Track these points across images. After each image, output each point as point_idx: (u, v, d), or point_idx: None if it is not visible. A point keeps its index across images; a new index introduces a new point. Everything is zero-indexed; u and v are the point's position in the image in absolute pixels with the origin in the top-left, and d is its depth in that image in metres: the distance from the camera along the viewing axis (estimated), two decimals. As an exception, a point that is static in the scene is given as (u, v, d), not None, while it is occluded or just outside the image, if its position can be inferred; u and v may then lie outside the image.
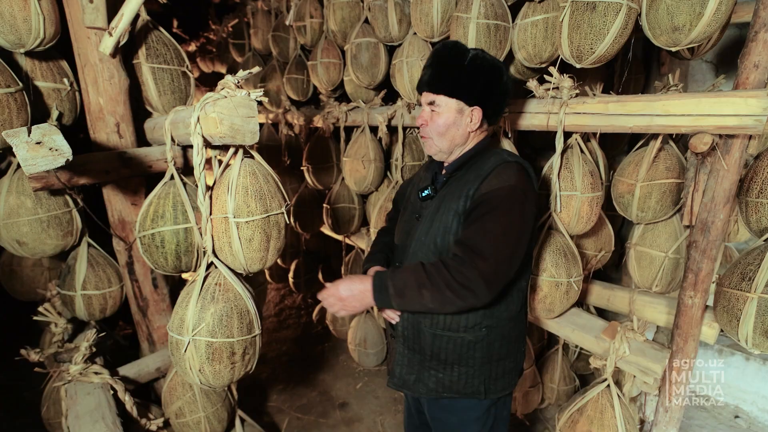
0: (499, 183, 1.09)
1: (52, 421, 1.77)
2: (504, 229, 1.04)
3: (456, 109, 1.17)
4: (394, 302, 1.10)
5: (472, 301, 1.04)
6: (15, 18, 1.28)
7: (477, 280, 1.00)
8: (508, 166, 1.12)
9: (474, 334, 1.19)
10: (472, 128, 1.20)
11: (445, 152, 1.23)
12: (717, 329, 1.58)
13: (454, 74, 1.15)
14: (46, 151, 0.95)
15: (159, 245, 1.38)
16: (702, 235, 1.45)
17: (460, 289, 1.01)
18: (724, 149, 1.34)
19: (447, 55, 1.18)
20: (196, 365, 1.21)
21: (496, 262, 1.02)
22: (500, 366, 1.25)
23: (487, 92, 1.18)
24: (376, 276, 1.13)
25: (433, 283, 1.04)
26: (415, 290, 1.06)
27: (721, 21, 1.19)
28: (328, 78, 2.46)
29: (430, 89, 1.18)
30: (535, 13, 1.52)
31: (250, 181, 1.24)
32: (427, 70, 1.20)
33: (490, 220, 1.05)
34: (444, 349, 1.21)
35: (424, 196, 1.26)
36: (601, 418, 1.53)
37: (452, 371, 1.23)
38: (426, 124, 1.21)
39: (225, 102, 1.13)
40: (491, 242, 1.02)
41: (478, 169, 1.16)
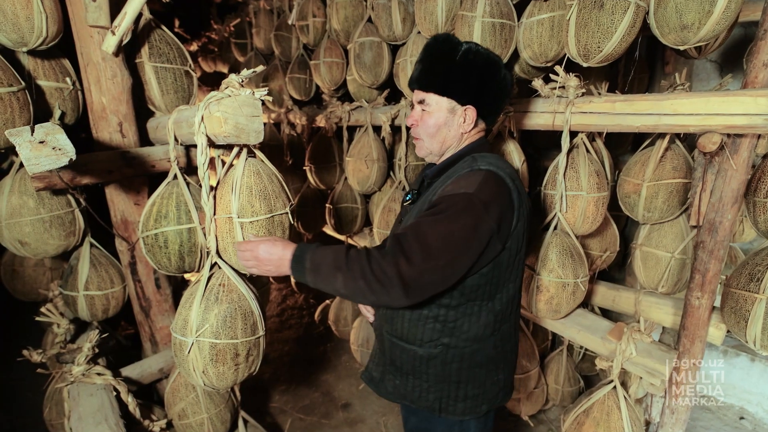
0: (454, 189, 0.99)
1: (55, 422, 1.76)
2: (443, 235, 0.93)
3: (447, 109, 1.10)
4: (308, 277, 1.03)
5: (385, 299, 0.95)
6: (17, 16, 1.27)
7: (394, 279, 0.91)
8: (475, 174, 1.01)
9: (427, 350, 1.11)
10: (465, 129, 1.12)
11: (436, 154, 1.16)
12: (724, 330, 1.57)
13: (445, 70, 1.07)
14: (50, 151, 0.94)
15: (162, 245, 1.37)
16: (709, 236, 1.44)
17: (373, 282, 0.93)
18: (732, 149, 1.33)
19: (437, 49, 1.10)
20: (199, 367, 1.20)
21: (422, 267, 0.92)
22: (460, 389, 1.14)
23: (482, 90, 1.09)
24: (299, 246, 1.07)
25: (350, 269, 0.96)
26: (331, 270, 0.99)
27: (730, 19, 1.18)
28: (331, 77, 2.45)
29: (420, 87, 1.11)
30: (540, 12, 1.51)
31: (255, 181, 1.23)
32: (417, 66, 1.12)
33: (431, 223, 0.96)
34: (398, 357, 1.16)
35: (406, 200, 1.23)
36: (608, 420, 1.52)
37: (407, 380, 1.17)
38: (416, 125, 1.14)
39: (229, 101, 1.12)
40: (422, 246, 0.93)
41: (451, 173, 1.08)
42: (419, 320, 1.11)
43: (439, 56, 1.09)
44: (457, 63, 1.06)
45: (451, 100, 1.09)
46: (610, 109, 1.42)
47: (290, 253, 1.06)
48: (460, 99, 1.09)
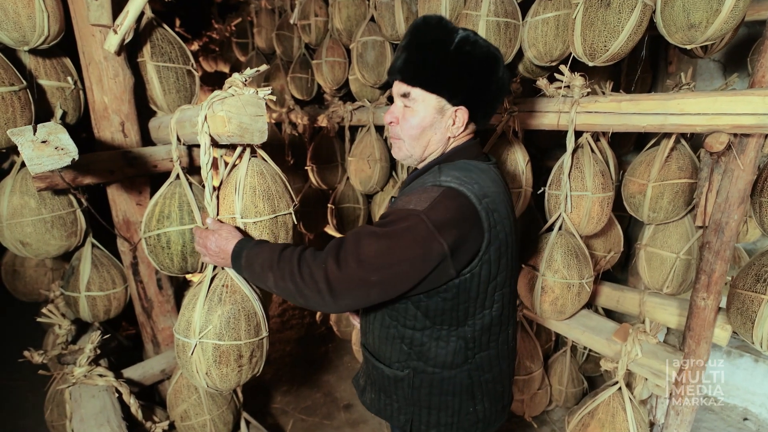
0: (407, 203, 0.88)
1: (56, 423, 1.75)
2: (380, 252, 0.84)
3: (435, 108, 0.93)
4: (244, 273, 1.02)
5: (314, 302, 0.89)
6: (19, 15, 1.26)
7: (321, 284, 0.85)
8: (431, 190, 0.87)
9: (394, 371, 1.05)
10: (453, 133, 0.97)
11: (417, 159, 1.01)
12: (729, 331, 1.56)
13: (436, 62, 0.90)
14: (52, 150, 0.93)
15: (165, 246, 1.36)
16: (716, 236, 1.43)
17: (302, 285, 0.88)
18: (739, 149, 1.32)
19: (429, 34, 0.91)
20: (203, 368, 1.19)
21: (350, 277, 0.84)
22: (432, 415, 1.06)
23: (478, 89, 0.93)
24: (240, 241, 1.05)
25: (280, 268, 0.91)
26: (263, 268, 0.95)
27: (738, 18, 1.17)
28: (333, 77, 2.44)
29: (404, 78, 0.93)
30: (546, 11, 1.50)
31: (258, 181, 1.22)
32: (402, 53, 0.93)
33: (373, 235, 0.85)
34: (371, 372, 1.13)
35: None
36: (613, 422, 1.51)
37: (380, 396, 1.13)
38: (396, 123, 0.98)
39: (233, 100, 1.11)
40: (357, 256, 0.84)
41: (415, 185, 0.95)
42: (387, 338, 1.05)
43: (429, 43, 0.91)
44: (450, 54, 0.90)
45: (440, 99, 0.93)
46: (616, 109, 1.41)
47: (231, 247, 1.04)
48: (451, 98, 0.93)
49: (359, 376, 1.27)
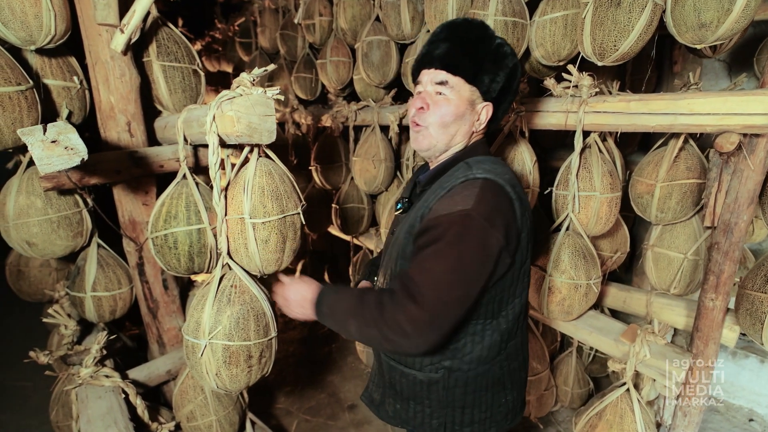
0: (450, 207, 0.87)
1: (61, 424, 1.75)
2: (450, 268, 0.84)
3: (468, 100, 0.98)
4: (327, 322, 0.98)
5: (404, 345, 0.85)
6: (26, 14, 1.25)
7: (407, 328, 0.82)
8: (471, 184, 0.89)
9: (427, 374, 1.01)
10: (477, 128, 1.02)
11: (440, 149, 1.02)
12: (737, 332, 1.56)
13: (479, 57, 0.96)
14: (62, 150, 0.92)
15: (172, 246, 1.36)
16: (724, 237, 1.42)
17: (386, 330, 0.84)
18: (749, 149, 1.31)
19: (472, 32, 0.97)
20: (212, 369, 1.18)
21: (434, 308, 0.82)
22: (466, 414, 1.05)
23: (505, 89, 1.00)
24: (322, 289, 1.01)
25: (362, 315, 0.88)
26: (344, 317, 0.93)
27: (749, 17, 1.16)
28: (337, 77, 2.44)
29: (445, 66, 0.96)
30: (554, 10, 1.49)
31: (267, 181, 1.22)
32: (442, 44, 0.97)
33: (433, 255, 0.85)
34: (398, 381, 1.07)
35: (398, 209, 1.13)
36: (621, 423, 1.50)
37: (408, 405, 1.07)
38: (426, 109, 0.98)
39: (242, 100, 1.11)
40: (431, 285, 0.83)
41: (445, 182, 0.96)
42: None
43: (473, 40, 0.97)
44: (491, 52, 0.96)
45: (475, 91, 0.98)
46: (625, 109, 1.40)
47: (313, 296, 1.01)
48: (484, 93, 0.99)
49: (371, 391, 1.21)
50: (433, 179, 1.02)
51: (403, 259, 0.97)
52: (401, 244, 0.98)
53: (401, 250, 0.98)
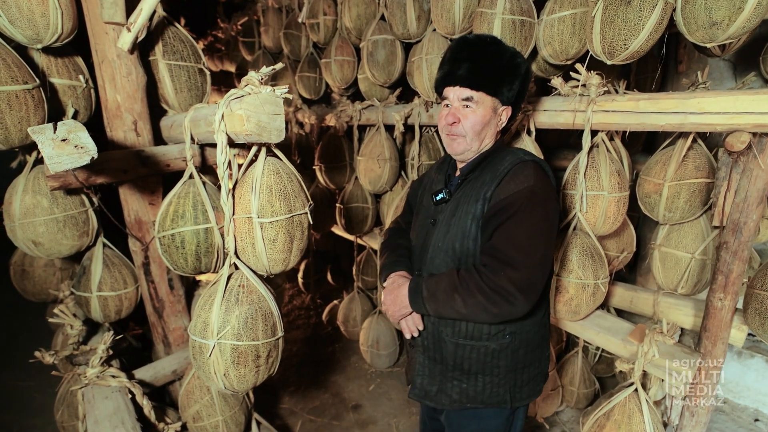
0: (516, 186, 1.05)
1: (66, 424, 1.74)
2: (529, 233, 1.01)
3: (492, 108, 1.13)
4: (428, 306, 1.09)
5: (507, 308, 1.00)
6: (33, 13, 1.25)
7: (509, 288, 0.98)
8: (525, 166, 1.09)
9: (498, 341, 1.15)
10: (500, 127, 1.19)
11: (474, 151, 1.18)
12: (745, 332, 1.55)
13: (496, 71, 1.10)
14: (72, 149, 0.92)
15: (179, 246, 1.35)
16: (733, 236, 1.42)
17: (491, 294, 0.99)
18: (758, 148, 1.31)
19: (487, 49, 1.11)
20: (221, 369, 1.18)
21: (528, 269, 0.99)
22: (525, 373, 1.21)
23: (520, 92, 1.16)
24: (413, 279, 1.14)
25: (465, 287, 1.02)
26: (448, 293, 1.04)
27: (761, 15, 1.15)
28: (342, 76, 2.43)
29: (468, 84, 1.11)
30: (562, 9, 1.49)
31: (275, 180, 1.21)
32: (463, 64, 1.11)
33: (514, 226, 1.01)
34: (467, 358, 1.17)
35: (438, 200, 1.22)
36: (629, 423, 1.49)
37: (476, 381, 1.18)
38: (458, 122, 1.14)
39: (251, 99, 1.10)
40: (518, 250, 1.00)
41: (493, 169, 1.12)
42: None
43: (490, 56, 1.10)
44: (506, 64, 1.10)
45: (495, 100, 1.13)
46: (634, 108, 1.40)
47: (406, 289, 1.15)
48: (504, 100, 1.13)
49: (422, 386, 1.25)
50: (474, 169, 1.17)
51: (468, 238, 1.10)
52: (464, 227, 1.11)
53: (466, 233, 1.10)
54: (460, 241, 1.11)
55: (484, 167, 1.16)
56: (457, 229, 1.12)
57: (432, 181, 1.33)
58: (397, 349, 2.84)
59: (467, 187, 1.16)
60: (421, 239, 1.24)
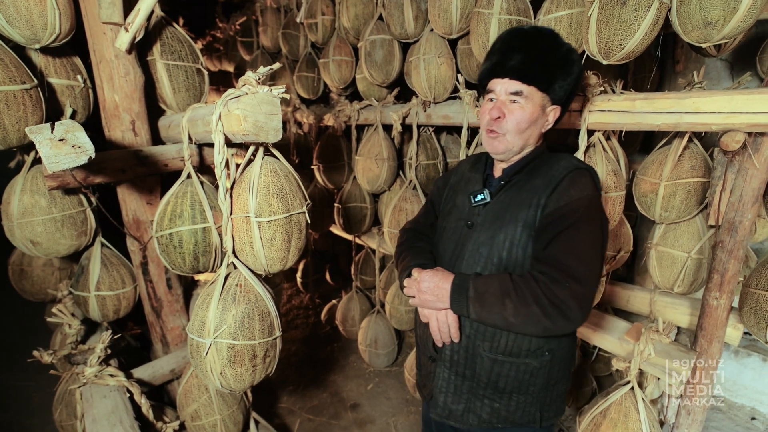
0: (577, 193, 0.98)
1: (65, 423, 1.74)
2: (590, 245, 0.95)
3: (540, 105, 1.04)
4: (472, 307, 0.98)
5: (561, 323, 0.91)
6: (31, 13, 1.25)
7: (569, 302, 0.89)
8: (582, 174, 1.02)
9: (538, 359, 1.06)
10: (544, 129, 1.09)
11: (515, 152, 1.08)
12: (741, 331, 1.56)
13: (551, 66, 1.01)
14: (69, 149, 0.92)
15: (177, 245, 1.35)
16: (729, 235, 1.43)
17: (549, 307, 0.90)
18: (753, 147, 1.31)
19: (544, 41, 1.02)
20: (217, 368, 1.18)
21: (590, 283, 0.92)
22: (555, 390, 1.13)
23: (571, 92, 1.07)
24: (458, 275, 1.03)
25: (519, 295, 0.92)
26: (498, 298, 0.94)
27: (755, 16, 1.16)
28: (340, 76, 2.43)
29: (520, 77, 1.01)
30: (558, 9, 1.49)
31: (272, 180, 1.22)
32: (515, 54, 1.01)
33: (576, 236, 0.94)
34: (504, 376, 1.07)
35: (477, 201, 1.11)
36: (625, 421, 1.50)
37: (510, 400, 1.09)
38: (502, 118, 1.04)
39: (248, 99, 1.10)
40: (581, 261, 0.92)
41: (545, 175, 1.03)
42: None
43: (544, 49, 1.02)
44: (560, 59, 1.02)
45: (546, 97, 1.04)
46: (630, 108, 1.41)
47: (449, 283, 1.02)
48: (554, 98, 1.05)
49: (446, 404, 1.15)
50: (520, 171, 1.09)
51: (518, 247, 1.01)
52: (512, 235, 1.02)
53: (515, 241, 1.02)
54: (508, 249, 1.02)
55: (532, 170, 1.07)
56: (504, 235, 1.03)
57: (464, 179, 1.22)
58: (396, 349, 2.85)
59: (512, 191, 1.07)
60: (453, 243, 1.13)
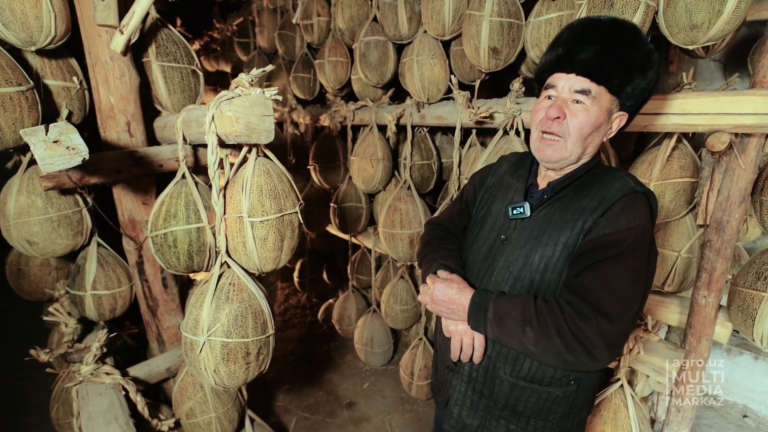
0: (628, 222, 0.86)
1: (62, 421, 1.76)
2: (631, 281, 0.83)
3: (607, 110, 0.90)
4: (489, 329, 0.91)
5: (585, 360, 0.82)
6: (26, 15, 1.27)
7: (596, 341, 0.80)
8: (638, 198, 0.89)
9: (563, 388, 0.97)
10: (607, 137, 0.96)
11: (571, 161, 0.95)
12: (730, 329, 1.58)
13: (628, 65, 0.88)
14: (63, 150, 0.94)
15: (171, 245, 1.37)
16: (717, 235, 1.45)
17: (573, 342, 0.81)
18: (740, 148, 1.33)
19: (624, 36, 0.88)
20: (211, 366, 1.20)
21: (623, 324, 0.82)
22: (577, 417, 1.05)
23: (642, 99, 0.94)
24: (479, 292, 0.95)
25: (542, 324, 0.84)
26: (519, 324, 0.86)
27: (740, 18, 1.18)
28: (335, 76, 2.45)
29: (590, 74, 0.88)
30: (549, 11, 1.51)
31: (265, 180, 1.23)
32: (587, 47, 0.88)
33: (616, 269, 0.83)
34: (523, 401, 1.00)
35: (515, 214, 0.99)
36: (615, 419, 1.52)
37: (527, 424, 1.02)
38: (562, 118, 0.90)
39: (240, 100, 1.12)
40: (616, 298, 0.82)
41: (596, 195, 0.90)
42: None
43: (624, 45, 0.88)
44: (640, 62, 0.88)
45: (615, 101, 0.91)
46: (619, 109, 1.42)
47: (467, 299, 0.95)
48: (624, 104, 0.92)
49: (461, 417, 1.09)
50: (566, 186, 0.96)
51: (554, 272, 0.91)
52: (549, 257, 0.91)
53: (550, 264, 0.91)
54: (542, 272, 0.92)
55: (581, 187, 0.94)
56: (540, 257, 0.92)
57: (504, 185, 1.09)
58: (391, 347, 2.87)
59: (556, 207, 0.94)
60: (483, 255, 1.04)
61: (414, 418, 2.41)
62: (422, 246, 1.20)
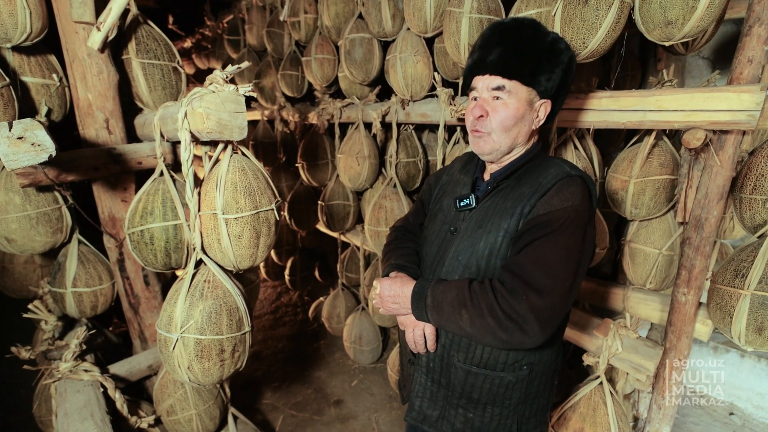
0: (560, 202, 0.91)
1: (44, 418, 1.76)
2: (563, 258, 0.87)
3: (527, 101, 0.97)
4: (430, 315, 0.96)
5: (518, 337, 0.86)
6: (0, 12, 1.27)
7: (527, 316, 0.84)
8: (572, 182, 0.94)
9: (515, 373, 1.01)
10: (536, 126, 1.02)
11: (503, 152, 1.02)
12: (710, 326, 1.58)
13: (533, 58, 0.95)
14: (28, 147, 0.94)
15: (148, 242, 1.37)
16: (695, 232, 1.45)
17: (504, 320, 0.85)
18: (717, 145, 1.33)
19: (524, 32, 0.96)
20: (184, 362, 1.20)
21: (553, 297, 0.85)
22: (535, 403, 1.09)
23: (562, 84, 1.00)
24: (419, 282, 1.00)
25: (475, 305, 0.88)
26: (454, 307, 0.91)
27: (714, 15, 1.17)
28: (322, 74, 2.44)
29: (500, 72, 0.96)
30: (528, 8, 1.50)
31: (239, 177, 1.23)
32: (494, 49, 0.96)
33: (548, 246, 0.87)
34: (478, 388, 1.04)
35: (462, 206, 1.06)
36: (594, 416, 1.52)
37: (484, 411, 1.05)
38: (485, 116, 0.98)
39: (212, 97, 1.12)
40: (547, 273, 0.85)
41: (534, 182, 0.97)
42: None
43: (526, 40, 0.96)
44: (545, 50, 0.96)
45: (532, 91, 0.98)
46: (597, 105, 1.42)
47: (409, 290, 1.00)
48: (541, 91, 0.98)
49: (422, 409, 1.13)
50: (509, 176, 1.02)
51: (497, 257, 0.96)
52: (492, 244, 0.96)
53: (494, 250, 0.96)
54: (487, 258, 0.97)
55: (522, 176, 1.00)
56: (485, 244, 0.97)
57: (454, 181, 1.17)
58: (380, 345, 2.87)
59: (499, 197, 1.01)
60: (435, 247, 1.09)
61: (401, 415, 2.41)
62: (383, 252, 1.27)
